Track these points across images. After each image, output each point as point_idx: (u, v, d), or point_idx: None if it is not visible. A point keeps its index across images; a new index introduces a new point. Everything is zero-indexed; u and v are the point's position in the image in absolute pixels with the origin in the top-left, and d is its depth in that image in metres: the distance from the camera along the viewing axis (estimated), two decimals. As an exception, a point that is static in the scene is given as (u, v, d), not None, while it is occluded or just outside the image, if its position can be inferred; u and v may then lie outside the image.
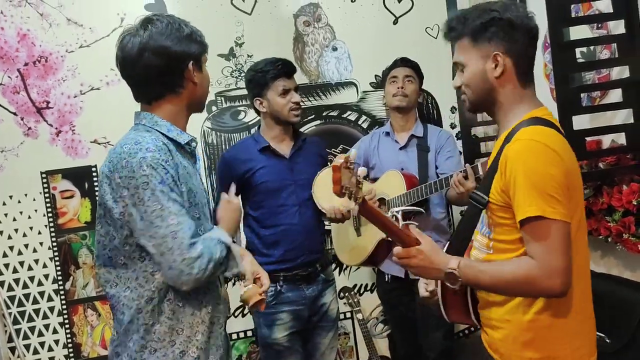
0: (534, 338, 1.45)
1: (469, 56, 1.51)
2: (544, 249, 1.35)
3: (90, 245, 2.96)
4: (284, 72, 2.41)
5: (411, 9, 3.26)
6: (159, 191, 1.45)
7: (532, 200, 1.35)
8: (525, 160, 1.37)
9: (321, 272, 2.51)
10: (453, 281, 1.45)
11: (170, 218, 1.45)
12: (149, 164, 1.45)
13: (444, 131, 2.76)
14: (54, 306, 2.93)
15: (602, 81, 2.42)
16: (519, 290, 1.41)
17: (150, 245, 1.46)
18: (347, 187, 1.32)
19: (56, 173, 2.93)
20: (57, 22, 2.89)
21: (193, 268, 1.46)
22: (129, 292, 1.54)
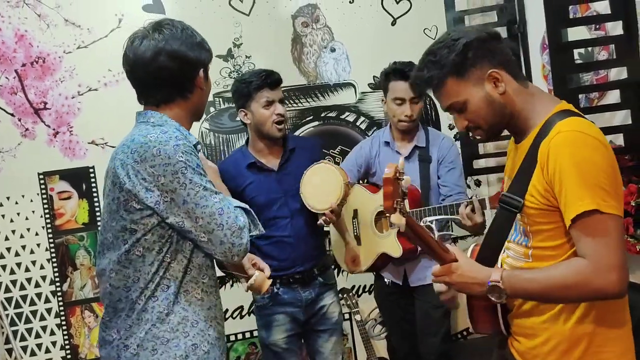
0: (576, 346, 1.38)
1: (464, 92, 1.43)
2: (598, 246, 1.26)
3: (87, 247, 2.95)
4: (268, 83, 2.36)
5: (409, 10, 3.25)
6: (198, 174, 1.50)
7: (584, 193, 1.26)
8: (572, 152, 1.29)
9: (319, 276, 2.49)
10: (498, 295, 1.36)
11: (212, 197, 1.52)
12: (183, 151, 1.49)
13: (446, 138, 2.66)
14: (52, 308, 2.92)
15: (600, 82, 2.42)
16: (573, 294, 1.31)
17: (197, 226, 1.50)
18: (398, 201, 1.25)
19: (54, 174, 2.92)
20: (55, 23, 2.88)
21: (242, 238, 1.53)
22: (152, 284, 1.55)
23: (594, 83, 2.46)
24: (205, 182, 1.52)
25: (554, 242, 1.38)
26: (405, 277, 2.62)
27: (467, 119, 1.46)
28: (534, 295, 1.38)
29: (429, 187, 2.54)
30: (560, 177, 1.29)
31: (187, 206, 1.49)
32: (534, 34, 2.88)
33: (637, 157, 2.18)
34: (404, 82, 2.49)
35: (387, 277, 2.69)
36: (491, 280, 1.35)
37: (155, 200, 1.49)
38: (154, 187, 1.48)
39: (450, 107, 1.47)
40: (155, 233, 1.53)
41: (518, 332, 1.48)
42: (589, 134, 1.30)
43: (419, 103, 2.55)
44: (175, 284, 1.56)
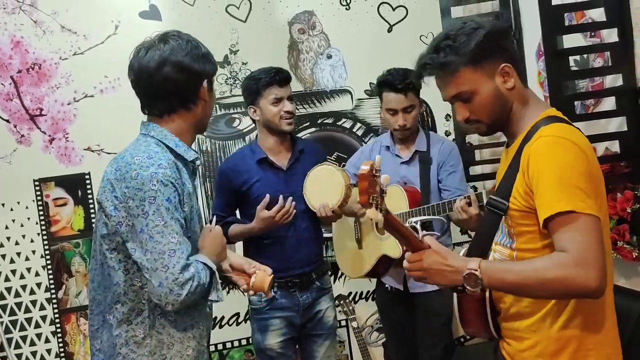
0: (563, 349, 1.39)
1: (476, 82, 1.41)
2: (578, 242, 1.25)
3: (83, 254, 2.94)
4: (277, 80, 2.39)
5: (405, 17, 3.26)
6: (165, 208, 1.46)
7: (562, 195, 1.27)
8: (551, 156, 1.30)
9: (316, 280, 2.49)
10: (474, 284, 1.33)
11: (171, 236, 1.47)
12: (159, 180, 1.47)
13: (447, 142, 2.66)
14: (46, 315, 2.91)
15: (595, 89, 2.43)
16: (552, 289, 1.29)
17: (145, 259, 1.47)
18: (374, 197, 1.25)
19: (49, 181, 2.91)
20: (51, 29, 2.88)
21: (182, 289, 1.46)
22: (119, 305, 1.55)
23: (589, 90, 2.47)
24: (170, 219, 1.47)
25: (535, 244, 1.39)
26: (405, 282, 2.61)
27: (470, 110, 1.45)
28: (511, 286, 1.35)
29: (429, 188, 2.55)
30: (537, 179, 1.31)
31: (142, 236, 1.46)
32: (530, 41, 2.89)
33: (633, 163, 2.19)
34: (394, 94, 2.50)
35: (388, 283, 2.68)
36: (468, 268, 1.33)
37: (119, 220, 1.49)
38: (121, 207, 1.48)
39: (457, 96, 1.45)
40: (121, 252, 1.53)
41: (508, 334, 1.50)
42: (569, 139, 1.32)
43: (412, 112, 2.54)
44: (149, 307, 1.55)
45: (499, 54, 1.42)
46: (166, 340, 1.57)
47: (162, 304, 1.48)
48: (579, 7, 2.31)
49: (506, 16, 2.94)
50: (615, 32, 2.21)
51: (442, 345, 2.60)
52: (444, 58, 1.41)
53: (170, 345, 1.57)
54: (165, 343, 1.57)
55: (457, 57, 1.40)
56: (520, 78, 1.46)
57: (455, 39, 1.40)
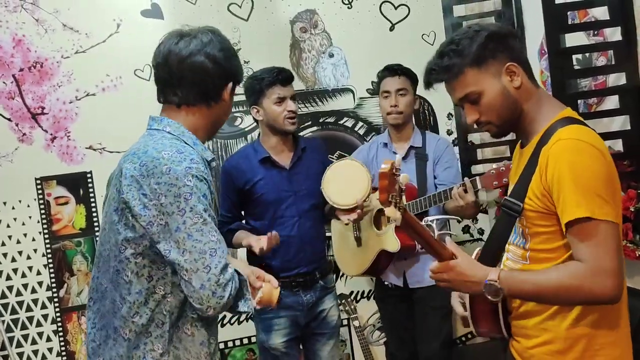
0: (570, 347, 1.40)
1: (482, 82, 1.43)
2: (594, 251, 1.29)
3: (85, 252, 2.93)
4: (280, 79, 2.38)
5: (407, 16, 3.26)
6: (202, 205, 1.37)
7: (580, 200, 1.29)
8: (570, 160, 1.31)
9: (320, 279, 2.49)
10: (494, 294, 1.38)
11: (211, 234, 1.38)
12: (195, 175, 1.38)
13: (442, 139, 2.72)
14: (48, 314, 2.90)
15: (598, 88, 2.42)
16: (568, 296, 1.34)
17: (182, 259, 1.36)
18: (394, 195, 1.27)
19: (51, 179, 2.90)
20: (53, 28, 2.88)
21: (225, 291, 1.37)
22: (138, 317, 1.43)
23: (592, 89, 2.46)
24: (208, 216, 1.38)
25: (550, 244, 1.41)
26: (405, 278, 2.61)
27: (480, 111, 1.46)
28: (530, 295, 1.40)
29: (426, 186, 2.56)
30: (558, 184, 1.32)
31: (179, 235, 1.35)
32: (532, 40, 2.89)
33: (636, 162, 2.18)
34: (390, 77, 2.62)
35: (388, 280, 2.68)
36: (488, 280, 1.38)
37: (149, 220, 1.38)
38: (152, 205, 1.37)
39: (466, 97, 1.46)
40: (147, 257, 1.42)
41: (517, 332, 1.51)
42: (588, 142, 1.33)
43: (406, 95, 2.60)
44: (171, 320, 1.44)
45: (503, 53, 1.44)
46: (182, 356, 1.47)
47: (203, 307, 1.38)
48: (583, 6, 2.30)
49: (508, 15, 2.93)
50: (618, 30, 2.20)
51: (441, 340, 2.60)
52: (448, 61, 1.44)
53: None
54: (181, 359, 1.47)
55: (461, 59, 1.43)
56: (530, 77, 1.47)
57: (459, 42, 1.44)
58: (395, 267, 2.63)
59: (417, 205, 2.44)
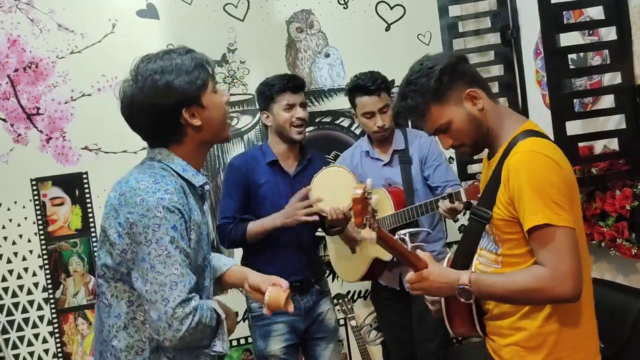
0: (542, 343, 1.50)
1: (447, 114, 1.53)
2: (553, 255, 1.39)
3: (81, 253, 2.92)
4: (290, 86, 2.40)
5: (403, 16, 3.27)
6: (169, 237, 1.38)
7: (537, 208, 1.39)
8: (527, 170, 1.41)
9: (315, 284, 2.49)
10: (467, 296, 1.49)
11: (174, 267, 1.38)
12: (165, 207, 1.38)
13: (424, 137, 2.62)
14: (44, 315, 2.89)
15: (593, 87, 2.43)
16: (532, 298, 1.45)
17: (144, 289, 1.39)
18: (367, 217, 1.38)
19: (46, 180, 2.89)
20: (48, 28, 2.87)
21: (182, 325, 1.37)
22: (117, 341, 1.45)
23: (587, 88, 2.47)
24: (174, 249, 1.38)
25: (519, 250, 1.50)
26: (400, 281, 2.62)
27: (451, 137, 1.57)
28: (497, 297, 1.52)
29: (412, 187, 2.55)
30: (518, 194, 1.42)
31: (144, 264, 1.37)
32: (527, 40, 2.90)
33: (632, 161, 2.19)
34: (368, 97, 2.52)
35: (384, 283, 2.68)
36: (460, 284, 1.49)
37: (123, 248, 1.41)
38: (125, 233, 1.40)
39: (437, 130, 1.57)
40: (127, 283, 1.44)
41: (492, 332, 1.61)
42: (543, 153, 1.43)
43: (388, 111, 2.55)
44: (150, 346, 1.45)
45: (460, 81, 1.54)
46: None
47: (160, 338, 1.40)
48: (578, 5, 2.31)
49: (503, 14, 2.94)
50: (613, 30, 2.21)
51: (438, 340, 2.60)
52: (411, 103, 1.54)
53: None
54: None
55: (422, 98, 1.53)
56: (489, 96, 1.57)
57: (416, 82, 1.53)
58: (391, 272, 2.63)
59: (405, 215, 2.41)
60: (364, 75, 2.56)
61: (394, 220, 2.45)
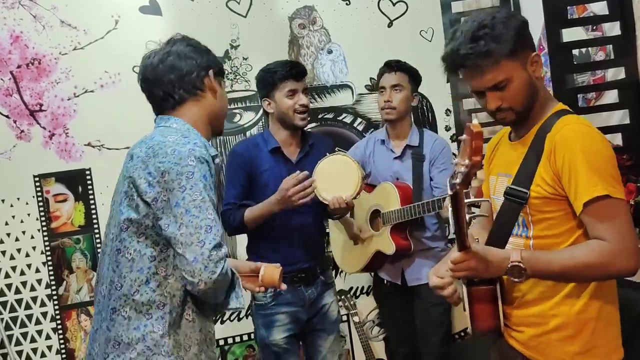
0: (581, 330, 1.44)
1: (512, 70, 1.42)
2: (615, 229, 1.34)
3: (84, 250, 2.92)
4: (292, 73, 2.39)
5: (406, 12, 3.27)
6: (202, 183, 1.44)
7: (597, 180, 1.34)
8: (581, 144, 1.36)
9: (321, 275, 2.49)
10: (518, 274, 1.38)
11: (208, 212, 1.43)
12: (197, 157, 1.45)
13: (439, 140, 2.68)
14: (47, 311, 2.89)
15: (597, 82, 2.44)
16: (593, 274, 1.38)
17: (179, 233, 1.41)
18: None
19: (49, 176, 2.88)
20: (51, 24, 2.86)
21: (217, 267, 1.41)
22: (139, 295, 1.47)
23: (591, 84, 2.48)
24: (207, 194, 1.44)
25: (556, 230, 1.44)
26: (403, 276, 2.62)
27: (503, 98, 1.44)
28: (555, 274, 1.41)
29: (422, 185, 2.55)
30: (570, 167, 1.36)
31: (178, 209, 1.41)
32: (530, 36, 2.90)
33: (636, 156, 2.20)
34: (387, 73, 2.60)
35: (385, 278, 2.69)
36: (512, 261, 1.38)
37: (154, 196, 1.45)
38: (156, 182, 1.44)
39: (494, 86, 1.43)
40: (149, 238, 1.47)
41: (519, 322, 1.52)
42: (594, 129, 1.41)
43: (402, 91, 2.57)
44: (172, 303, 1.48)
45: (529, 42, 1.46)
46: (182, 341, 1.50)
47: (195, 280, 1.40)
48: (582, 0, 2.32)
49: (506, 11, 2.94)
50: (617, 25, 2.22)
51: (441, 335, 2.61)
52: (485, 47, 1.39)
53: (187, 347, 1.50)
54: (183, 345, 1.49)
55: (499, 46, 1.39)
56: None
57: (494, 27, 1.40)
58: (393, 266, 2.63)
59: (410, 211, 2.41)
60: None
61: (399, 215, 2.45)
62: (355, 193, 2.27)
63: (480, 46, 1.39)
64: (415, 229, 2.55)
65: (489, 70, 1.41)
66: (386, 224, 2.52)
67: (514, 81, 1.42)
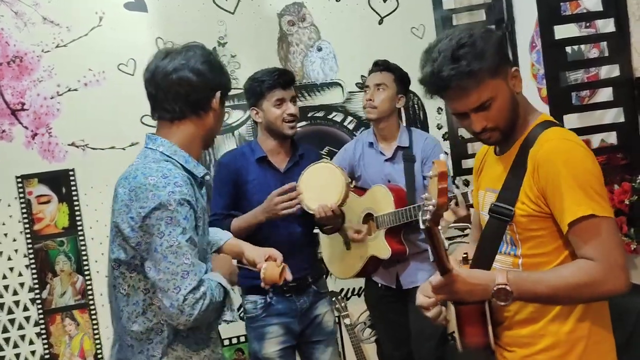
0: (572, 349, 1.39)
1: (496, 88, 1.35)
2: (603, 248, 1.29)
3: (68, 252, 2.86)
4: (280, 82, 2.33)
5: (396, 9, 3.23)
6: (181, 228, 1.47)
7: (581, 199, 1.29)
8: (565, 160, 1.31)
9: (313, 284, 2.42)
10: (504, 297, 1.31)
11: (185, 257, 1.47)
12: (176, 200, 1.47)
13: (430, 138, 2.63)
14: (30, 316, 2.82)
15: (590, 80, 2.41)
16: (582, 295, 1.33)
17: (157, 278, 1.47)
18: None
19: (32, 177, 2.82)
20: (33, 21, 2.79)
21: (194, 309, 1.46)
22: (137, 326, 1.54)
23: (584, 81, 2.44)
24: (185, 240, 1.47)
25: (543, 248, 1.40)
26: (397, 280, 2.58)
27: (489, 118, 1.38)
28: (542, 296, 1.35)
29: (414, 186, 2.51)
30: (554, 185, 1.32)
31: (156, 255, 1.46)
32: (522, 33, 2.87)
33: (630, 155, 2.17)
34: (374, 72, 2.57)
35: (379, 281, 2.64)
36: (497, 284, 1.31)
37: (138, 240, 1.49)
38: (138, 227, 1.48)
39: (480, 106, 1.36)
40: (141, 273, 1.52)
41: (511, 342, 1.47)
42: (576, 142, 1.35)
43: (385, 91, 2.52)
44: (169, 327, 1.53)
45: (508, 57, 1.42)
46: (182, 355, 1.56)
47: (174, 324, 1.49)
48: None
49: (498, 7, 2.91)
50: (611, 22, 2.18)
51: (436, 339, 2.57)
52: (468, 67, 1.31)
53: (189, 358, 1.57)
54: (183, 358, 1.56)
55: (481, 64, 1.32)
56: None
57: (474, 44, 1.33)
58: (387, 270, 2.59)
59: (406, 214, 2.36)
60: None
61: (394, 218, 2.40)
62: (340, 200, 2.23)
63: (462, 66, 1.31)
64: (409, 232, 2.50)
65: (474, 91, 1.34)
66: (380, 228, 2.47)
67: (498, 99, 1.36)
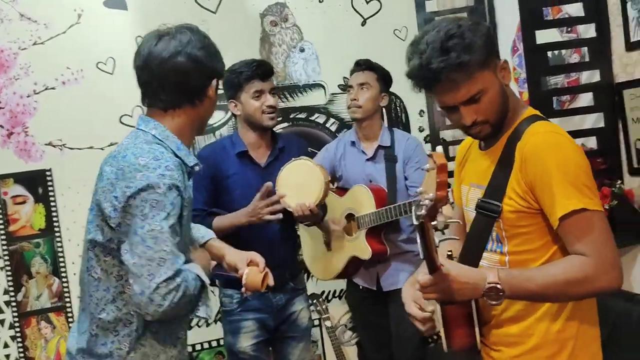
0: (561, 350, 1.37)
1: (486, 80, 1.32)
2: (595, 243, 1.26)
3: (44, 254, 2.80)
4: (258, 73, 2.30)
5: (379, 11, 3.22)
6: (165, 213, 1.40)
7: (571, 193, 1.26)
8: (553, 154, 1.28)
9: (290, 281, 2.42)
10: (496, 297, 1.28)
11: (164, 244, 1.39)
12: (166, 184, 1.40)
13: (412, 139, 2.64)
14: (5, 319, 2.76)
15: (571, 85, 2.42)
16: (574, 292, 1.29)
17: (131, 262, 1.39)
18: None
19: (7, 177, 2.76)
20: (9, 18, 2.73)
21: (165, 299, 1.39)
22: (105, 314, 1.47)
23: (565, 86, 2.46)
24: (168, 227, 1.40)
25: (531, 245, 1.37)
26: (377, 281, 2.57)
27: (479, 111, 1.34)
28: (534, 294, 1.32)
29: (396, 186, 2.50)
30: (543, 179, 1.29)
31: (135, 238, 1.39)
32: (504, 37, 2.88)
33: (610, 159, 2.18)
34: (356, 72, 2.57)
35: (360, 283, 2.63)
36: (489, 282, 1.28)
37: (118, 221, 1.42)
38: (121, 207, 1.40)
39: (470, 99, 1.33)
40: (116, 257, 1.45)
41: (497, 341, 1.45)
42: (565, 136, 1.33)
43: (369, 90, 2.52)
44: (139, 320, 1.48)
45: (496, 49, 1.39)
46: (150, 352, 1.51)
47: (141, 312, 1.42)
48: (558, 2, 2.30)
49: (481, 10, 2.93)
50: (592, 27, 2.20)
51: (417, 341, 2.56)
52: (458, 59, 1.28)
53: (155, 356, 1.51)
54: (150, 355, 1.50)
55: (471, 56, 1.29)
56: None
57: (462, 35, 1.29)
58: (368, 271, 2.58)
59: (387, 213, 2.35)
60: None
61: (375, 218, 2.39)
62: (319, 199, 2.21)
63: (452, 58, 1.28)
64: (390, 232, 2.50)
65: (464, 83, 1.31)
66: (361, 228, 2.46)
67: (488, 92, 1.33)
